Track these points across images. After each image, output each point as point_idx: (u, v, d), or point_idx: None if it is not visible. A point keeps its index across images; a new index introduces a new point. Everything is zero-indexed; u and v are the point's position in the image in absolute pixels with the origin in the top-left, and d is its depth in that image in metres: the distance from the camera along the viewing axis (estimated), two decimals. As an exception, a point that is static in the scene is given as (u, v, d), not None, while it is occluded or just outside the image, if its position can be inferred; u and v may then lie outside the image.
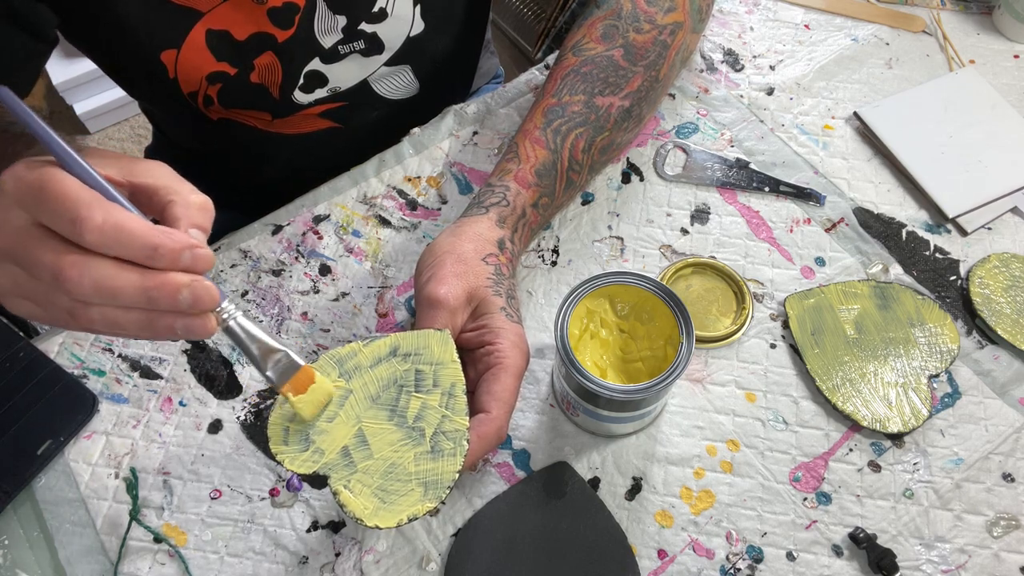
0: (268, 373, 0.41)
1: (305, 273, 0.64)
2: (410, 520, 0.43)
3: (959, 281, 0.62)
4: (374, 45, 0.68)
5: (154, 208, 0.38)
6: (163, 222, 0.37)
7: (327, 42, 0.65)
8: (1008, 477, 0.54)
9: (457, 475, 0.44)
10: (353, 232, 0.66)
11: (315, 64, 0.67)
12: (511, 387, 0.48)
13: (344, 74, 0.69)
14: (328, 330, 0.61)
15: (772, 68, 0.74)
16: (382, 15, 0.66)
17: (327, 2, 0.62)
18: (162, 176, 0.38)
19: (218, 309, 0.38)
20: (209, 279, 0.37)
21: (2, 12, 0.53)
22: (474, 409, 0.48)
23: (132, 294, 0.35)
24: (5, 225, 0.35)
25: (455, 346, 0.47)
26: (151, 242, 0.34)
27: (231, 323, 0.40)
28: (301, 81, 0.68)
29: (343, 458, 0.44)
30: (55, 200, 0.33)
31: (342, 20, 0.64)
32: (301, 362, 0.42)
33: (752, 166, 0.68)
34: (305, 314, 0.62)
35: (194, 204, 0.38)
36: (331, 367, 0.45)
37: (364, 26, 0.66)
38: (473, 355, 0.51)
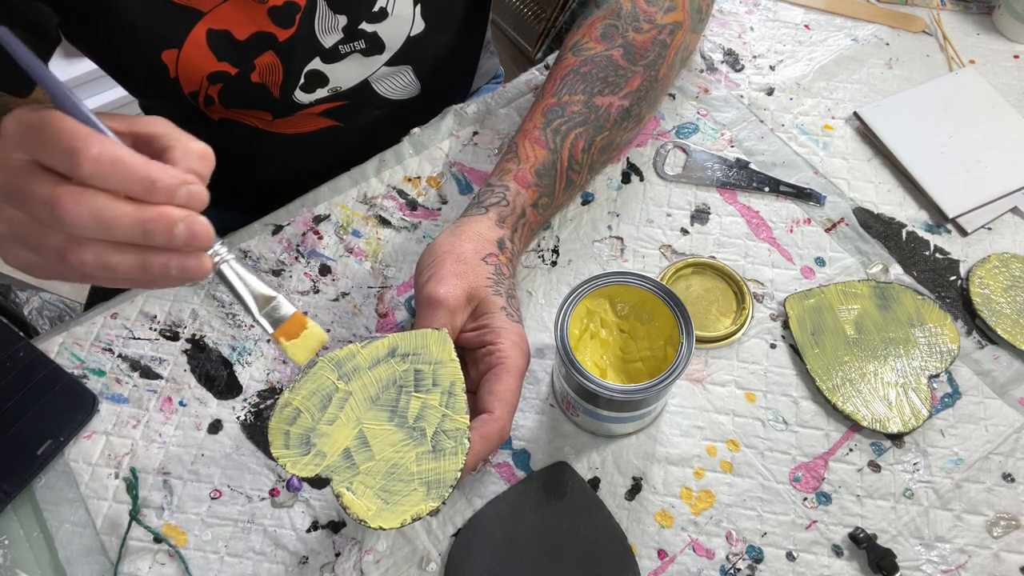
0: (261, 318, 0.40)
1: (305, 273, 0.64)
2: (413, 520, 0.43)
3: (959, 281, 0.62)
4: (375, 45, 0.68)
5: (153, 155, 0.38)
6: None
7: (328, 41, 0.65)
8: (1008, 477, 0.54)
9: (459, 474, 0.44)
10: (353, 232, 0.66)
11: (316, 64, 0.67)
12: (513, 387, 0.48)
13: (345, 74, 0.69)
14: (328, 330, 0.61)
15: (772, 68, 0.74)
16: (382, 15, 0.66)
17: (327, 1, 0.62)
18: (163, 125, 0.38)
19: (210, 252, 0.38)
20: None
21: (1, 10, 0.53)
22: (476, 409, 0.48)
23: (128, 225, 0.34)
24: (4, 166, 0.35)
25: (453, 345, 0.47)
26: (148, 175, 0.34)
27: (223, 266, 0.38)
28: (302, 81, 0.68)
29: (345, 460, 0.44)
30: (53, 136, 0.34)
31: (343, 19, 0.64)
32: (293, 308, 0.41)
33: (752, 166, 0.68)
34: (305, 314, 0.62)
35: (194, 151, 0.37)
36: (330, 369, 0.45)
37: (364, 26, 0.66)
38: (474, 355, 0.51)
